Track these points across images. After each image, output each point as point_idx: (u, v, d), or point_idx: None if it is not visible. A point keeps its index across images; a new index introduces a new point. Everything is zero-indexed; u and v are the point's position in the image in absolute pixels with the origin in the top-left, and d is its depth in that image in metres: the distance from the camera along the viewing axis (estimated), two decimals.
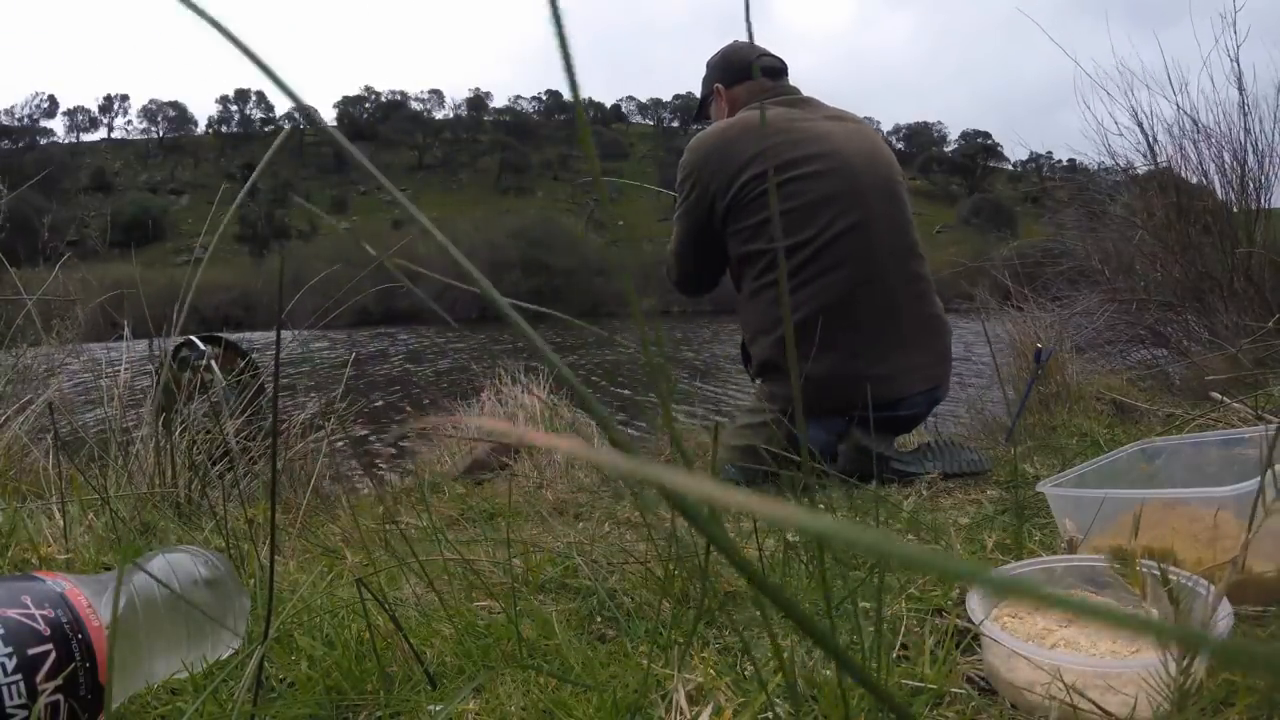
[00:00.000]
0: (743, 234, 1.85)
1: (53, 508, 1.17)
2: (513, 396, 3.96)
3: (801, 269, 1.77)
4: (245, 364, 2.41)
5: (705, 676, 0.61)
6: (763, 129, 1.88)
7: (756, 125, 1.86)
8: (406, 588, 0.89)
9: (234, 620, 0.72)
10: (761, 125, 1.91)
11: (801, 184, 1.78)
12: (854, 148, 1.85)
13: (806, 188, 1.78)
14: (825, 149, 1.81)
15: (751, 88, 2.03)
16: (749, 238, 1.84)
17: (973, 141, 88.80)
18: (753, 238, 1.84)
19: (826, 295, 1.75)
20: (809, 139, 1.82)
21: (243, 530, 1.07)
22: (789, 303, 1.76)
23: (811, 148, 1.81)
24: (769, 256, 1.82)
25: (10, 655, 0.54)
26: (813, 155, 1.80)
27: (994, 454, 1.80)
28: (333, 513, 1.66)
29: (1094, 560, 0.73)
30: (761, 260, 1.84)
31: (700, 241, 1.94)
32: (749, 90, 2.03)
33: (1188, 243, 3.08)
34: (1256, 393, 1.70)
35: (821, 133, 1.84)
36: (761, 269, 1.84)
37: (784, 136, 1.82)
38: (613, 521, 1.42)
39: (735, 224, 1.86)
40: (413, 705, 0.63)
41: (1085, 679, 0.56)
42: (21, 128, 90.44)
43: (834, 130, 1.87)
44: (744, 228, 1.85)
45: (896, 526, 1.12)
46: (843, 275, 1.75)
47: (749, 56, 2.05)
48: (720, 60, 2.11)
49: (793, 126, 1.84)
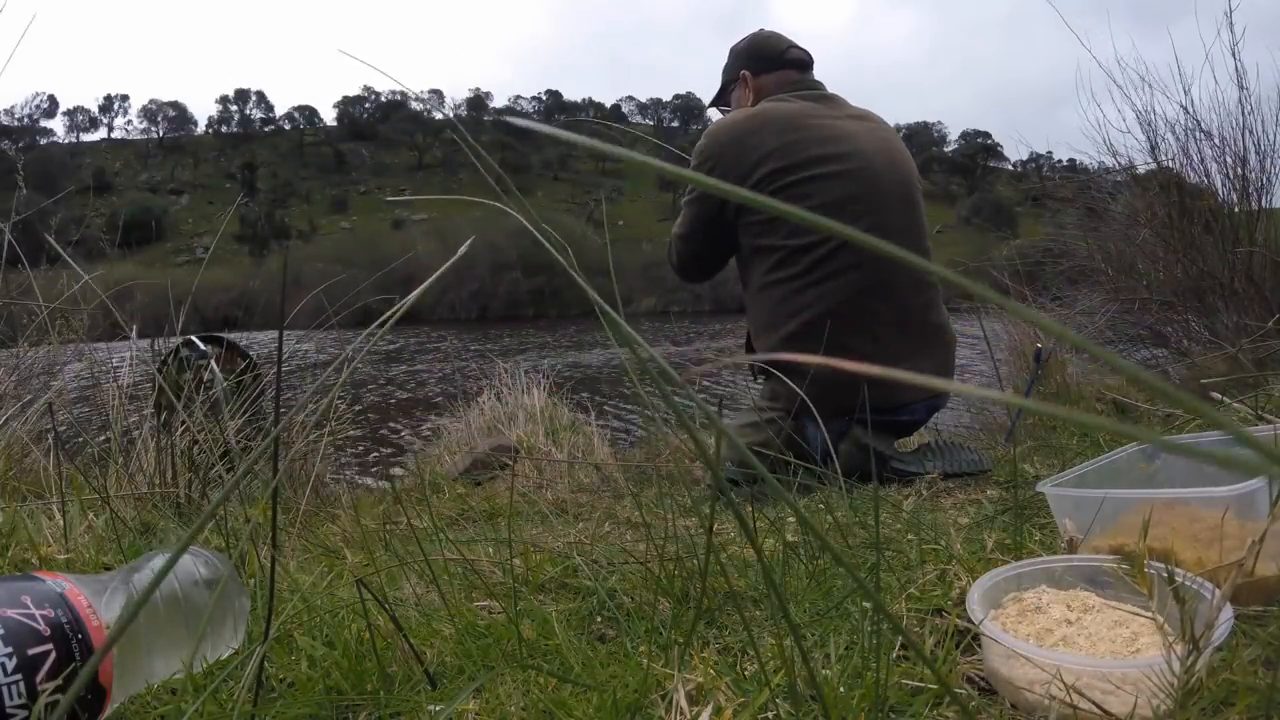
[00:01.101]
0: (755, 228, 1.83)
1: (53, 508, 1.17)
2: (513, 397, 3.96)
3: (813, 269, 1.75)
4: (246, 365, 2.41)
5: (705, 676, 0.61)
6: (790, 121, 1.82)
7: (778, 118, 1.83)
8: (406, 588, 0.89)
9: (234, 620, 0.72)
10: (766, 122, 1.87)
11: (821, 183, 1.77)
12: (876, 150, 1.84)
13: (825, 187, 1.76)
14: (847, 149, 1.80)
15: (779, 78, 2.00)
16: (761, 232, 1.82)
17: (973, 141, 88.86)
18: (765, 232, 1.82)
19: (836, 297, 1.74)
20: (832, 137, 1.81)
21: (243, 530, 1.07)
22: (798, 302, 1.75)
23: (833, 146, 1.79)
24: (781, 253, 1.80)
25: (10, 655, 0.54)
26: (834, 155, 1.78)
27: (994, 454, 1.80)
28: (333, 513, 1.66)
29: (1095, 560, 0.73)
30: (773, 256, 1.81)
31: (710, 229, 1.92)
32: (776, 80, 2.00)
33: (1189, 242, 3.08)
34: (1256, 392, 1.70)
35: (845, 132, 1.83)
36: (772, 265, 1.82)
37: (807, 133, 1.80)
38: (613, 521, 1.42)
39: (748, 216, 1.83)
40: (413, 705, 0.63)
41: (1085, 679, 0.56)
42: (21, 128, 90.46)
43: (857, 130, 1.85)
44: (757, 221, 1.83)
45: (896, 526, 1.12)
46: (854, 279, 1.74)
47: (779, 46, 2.02)
48: (748, 47, 2.07)
49: (817, 123, 1.82)
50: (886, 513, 1.18)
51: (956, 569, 0.85)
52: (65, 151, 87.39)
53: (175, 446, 1.61)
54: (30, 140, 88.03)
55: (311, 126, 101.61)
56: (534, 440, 3.26)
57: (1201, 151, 3.20)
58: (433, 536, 1.06)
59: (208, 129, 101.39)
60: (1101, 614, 0.65)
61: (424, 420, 5.87)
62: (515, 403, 3.87)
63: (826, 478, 1.19)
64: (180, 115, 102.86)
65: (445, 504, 2.00)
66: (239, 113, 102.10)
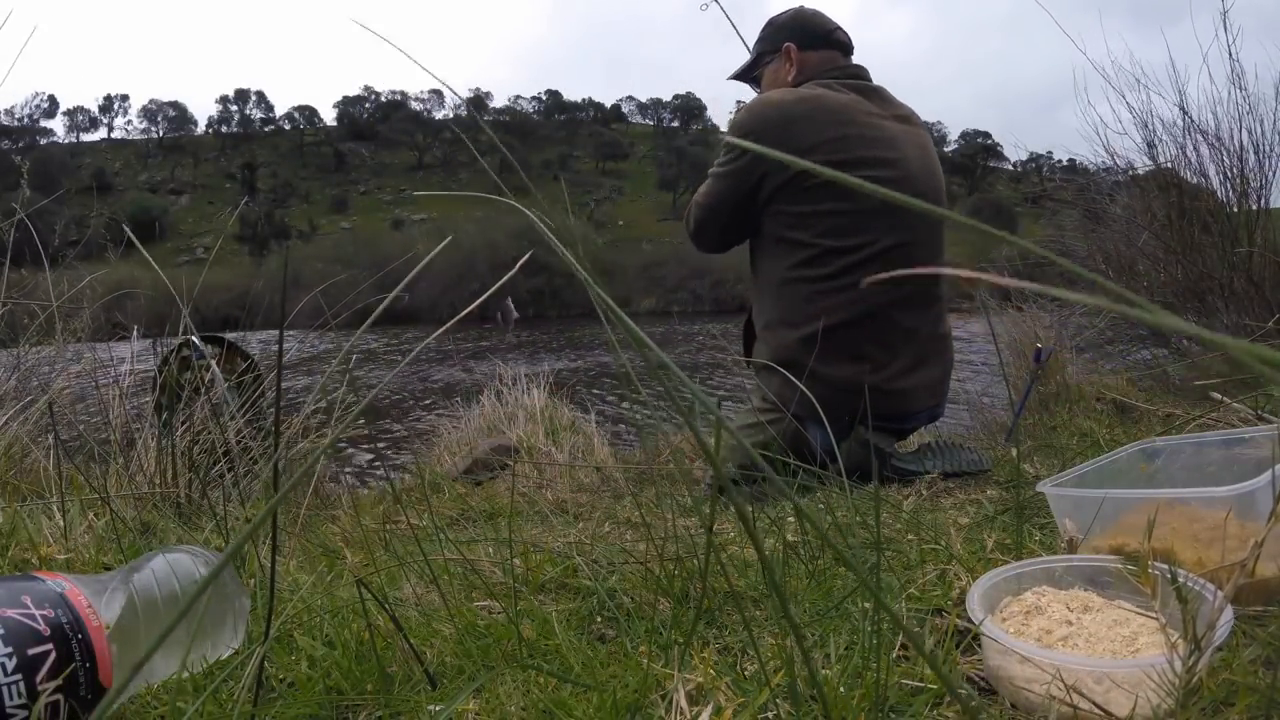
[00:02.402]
0: (787, 218, 1.77)
1: (53, 508, 1.17)
2: (513, 397, 3.96)
3: (843, 274, 1.73)
4: (247, 365, 2.41)
5: (705, 676, 0.61)
6: (844, 114, 1.76)
7: (832, 107, 1.75)
8: (407, 587, 0.89)
9: (234, 620, 0.72)
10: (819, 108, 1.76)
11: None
12: (917, 161, 1.81)
13: (867, 193, 1.75)
14: (892, 156, 1.76)
15: (824, 57, 1.91)
16: (793, 224, 1.77)
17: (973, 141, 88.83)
18: (797, 226, 1.76)
19: (860, 307, 1.72)
20: (880, 140, 1.76)
21: (243, 530, 1.07)
22: (824, 304, 1.73)
23: (880, 150, 1.75)
24: (812, 251, 1.74)
25: (10, 655, 0.54)
26: (881, 159, 1.74)
27: (994, 454, 1.80)
28: (333, 513, 1.66)
29: (1095, 560, 0.73)
30: (802, 251, 1.76)
31: (736, 209, 1.84)
32: (821, 59, 1.91)
33: (1189, 243, 3.08)
34: (1256, 393, 1.70)
35: (892, 136, 1.78)
36: (800, 260, 1.76)
37: (857, 130, 1.74)
38: (613, 521, 1.42)
39: (781, 205, 1.77)
40: (413, 705, 0.63)
41: (1085, 679, 0.56)
42: (21, 128, 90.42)
43: (901, 136, 1.80)
44: (791, 213, 1.76)
45: (896, 526, 1.12)
46: (880, 290, 1.71)
47: (827, 25, 1.94)
48: (794, 20, 1.97)
49: (867, 121, 1.77)
50: (886, 513, 1.18)
51: (956, 569, 0.85)
52: (65, 151, 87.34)
53: (175, 446, 1.61)
54: (30, 140, 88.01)
55: (311, 126, 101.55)
56: (534, 440, 3.26)
57: (1199, 152, 3.21)
58: (433, 536, 1.06)
59: (208, 129, 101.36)
60: (1101, 614, 0.65)
61: (424, 420, 5.88)
62: (515, 403, 3.87)
63: (828, 478, 1.18)
64: (180, 115, 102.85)
65: (445, 504, 2.00)
66: (239, 113, 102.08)
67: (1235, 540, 0.72)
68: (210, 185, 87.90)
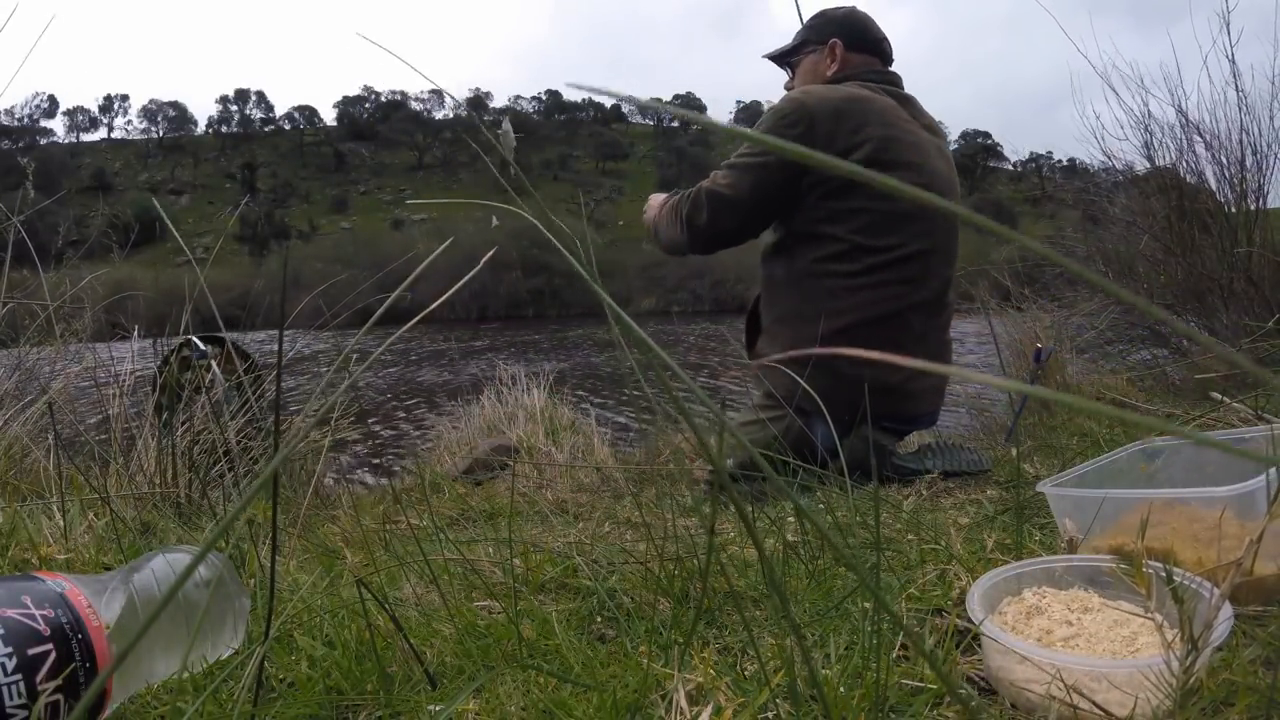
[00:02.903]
0: (822, 210, 1.76)
1: (53, 508, 1.17)
2: (513, 397, 3.96)
3: (872, 271, 1.74)
4: (248, 365, 2.41)
5: (705, 676, 0.61)
6: (891, 115, 1.78)
7: (880, 107, 1.77)
8: (406, 588, 0.89)
9: (234, 620, 0.72)
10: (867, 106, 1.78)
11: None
12: (942, 173, 1.84)
13: (905, 196, 1.75)
14: (923, 163, 1.78)
15: (866, 60, 1.93)
16: (827, 217, 1.75)
17: (973, 141, 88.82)
18: (832, 219, 1.75)
19: (885, 306, 1.74)
20: (914, 146, 1.79)
21: (243, 530, 1.07)
22: (850, 300, 1.74)
23: (917, 157, 1.78)
24: (843, 245, 1.74)
25: (10, 655, 0.54)
26: (918, 165, 1.77)
27: (994, 454, 1.80)
28: (333, 513, 1.66)
29: (1095, 560, 0.73)
30: (831, 245, 1.75)
31: (769, 200, 1.80)
32: (863, 62, 1.92)
33: (1188, 244, 3.08)
34: (1256, 393, 1.70)
35: (922, 144, 1.81)
36: (828, 255, 1.76)
37: (901, 134, 1.77)
38: (613, 521, 1.42)
39: (821, 198, 1.75)
40: (413, 705, 0.63)
41: (1085, 679, 0.56)
42: (21, 128, 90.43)
43: (929, 146, 1.83)
44: (828, 206, 1.75)
45: (896, 526, 1.12)
46: (900, 293, 1.74)
47: (876, 32, 1.96)
48: (847, 18, 1.97)
49: (907, 127, 1.80)
50: (887, 513, 1.18)
51: (956, 569, 0.85)
52: (65, 151, 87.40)
53: (175, 446, 1.61)
54: (30, 140, 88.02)
55: (311, 126, 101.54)
56: (534, 440, 3.26)
57: (1196, 153, 3.21)
58: (433, 536, 1.06)
59: (208, 129, 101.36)
60: (1101, 614, 0.65)
61: (424, 420, 5.88)
62: (515, 403, 3.87)
63: (828, 477, 1.19)
64: (180, 115, 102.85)
65: (445, 504, 2.00)
66: (239, 113, 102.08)
67: (1235, 540, 0.72)
68: (210, 185, 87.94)
